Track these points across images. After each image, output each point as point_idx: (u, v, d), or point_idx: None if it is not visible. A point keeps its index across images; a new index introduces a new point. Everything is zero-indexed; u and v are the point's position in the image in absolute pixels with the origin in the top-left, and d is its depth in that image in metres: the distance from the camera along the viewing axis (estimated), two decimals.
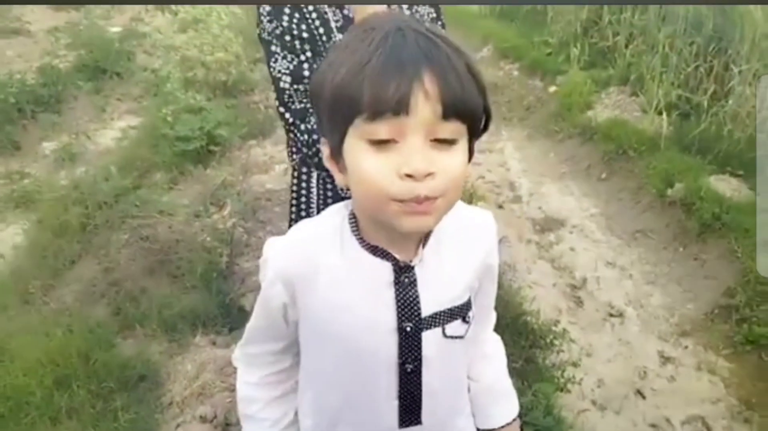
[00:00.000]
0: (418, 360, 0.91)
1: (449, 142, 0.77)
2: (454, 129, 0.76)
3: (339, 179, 0.84)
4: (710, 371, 2.74)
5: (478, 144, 0.84)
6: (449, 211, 0.83)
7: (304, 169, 1.55)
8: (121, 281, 2.68)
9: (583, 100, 5.08)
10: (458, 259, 0.94)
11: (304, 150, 1.38)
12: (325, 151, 0.85)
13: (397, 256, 0.88)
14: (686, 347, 2.89)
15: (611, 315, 3.16)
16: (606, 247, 3.72)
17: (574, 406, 2.54)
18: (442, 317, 0.92)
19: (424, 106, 0.73)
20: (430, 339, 0.91)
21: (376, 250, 0.89)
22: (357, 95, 0.73)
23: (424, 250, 0.91)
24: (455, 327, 0.94)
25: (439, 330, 0.92)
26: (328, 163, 0.85)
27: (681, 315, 3.08)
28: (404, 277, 0.89)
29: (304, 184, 1.56)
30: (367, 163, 0.76)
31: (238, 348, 1.06)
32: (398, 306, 0.89)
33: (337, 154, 0.82)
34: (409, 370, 0.92)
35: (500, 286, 2.88)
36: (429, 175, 0.75)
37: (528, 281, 3.44)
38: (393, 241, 0.88)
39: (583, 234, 3.87)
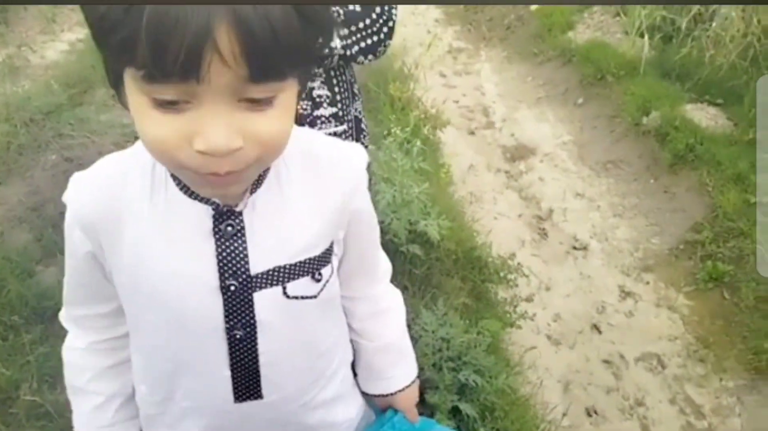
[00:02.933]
0: (250, 325, 0.75)
1: (264, 102, 0.58)
2: (271, 88, 0.58)
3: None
4: (670, 308, 2.64)
5: (454, 65, 0.63)
6: (266, 167, 0.70)
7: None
8: (43, 205, 2.48)
9: (564, 19, 4.78)
10: (306, 203, 0.75)
11: None
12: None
13: (218, 200, 0.71)
14: (648, 282, 2.78)
15: (575, 248, 3.03)
16: (576, 177, 3.55)
17: (524, 343, 2.43)
18: (280, 274, 0.74)
19: (221, 71, 0.53)
20: (266, 300, 0.75)
21: (191, 193, 0.71)
22: (130, 42, 0.52)
23: (256, 193, 0.72)
24: (302, 286, 0.76)
25: (277, 289, 0.75)
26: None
27: (645, 250, 2.95)
28: (226, 225, 0.71)
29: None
30: (150, 124, 0.58)
31: (63, 307, 0.88)
32: (219, 261, 0.72)
33: (114, 84, 0.61)
34: (238, 337, 0.75)
35: (455, 218, 2.77)
36: (234, 149, 0.58)
37: (493, 212, 3.29)
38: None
39: (553, 164, 3.70)
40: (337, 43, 1.42)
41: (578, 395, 2.26)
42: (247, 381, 0.79)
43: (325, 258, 0.78)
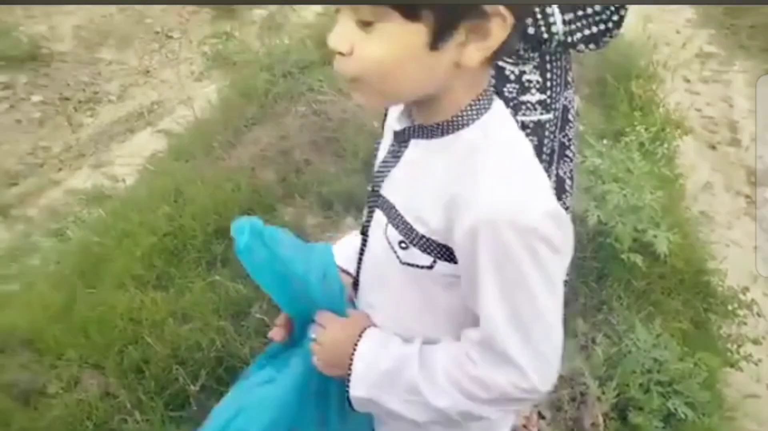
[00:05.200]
0: (365, 233, 0.90)
1: (367, 24, 0.70)
2: (373, 10, 0.69)
3: None
4: None
5: (701, 71, 0.60)
6: (386, 98, 0.78)
7: None
8: (290, 150, 2.75)
9: None
10: (434, 179, 0.77)
11: None
12: None
13: (398, 122, 0.83)
14: None
15: None
16: None
17: (743, 388, 2.19)
18: (389, 210, 0.83)
19: None
20: (375, 221, 0.87)
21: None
22: None
23: (425, 139, 0.80)
24: (394, 236, 0.81)
25: (383, 220, 0.84)
26: None
27: None
28: (394, 145, 0.85)
29: None
30: None
31: None
32: (378, 167, 0.88)
33: None
34: (364, 231, 0.90)
35: (686, 236, 2.55)
36: (341, 53, 0.72)
37: (726, 238, 2.98)
38: (409, 113, 0.84)
39: None
40: (559, 28, 1.35)
41: None
42: (356, 278, 0.94)
43: (420, 241, 0.78)
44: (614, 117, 3.32)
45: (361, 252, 0.91)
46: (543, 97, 1.48)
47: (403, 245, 0.79)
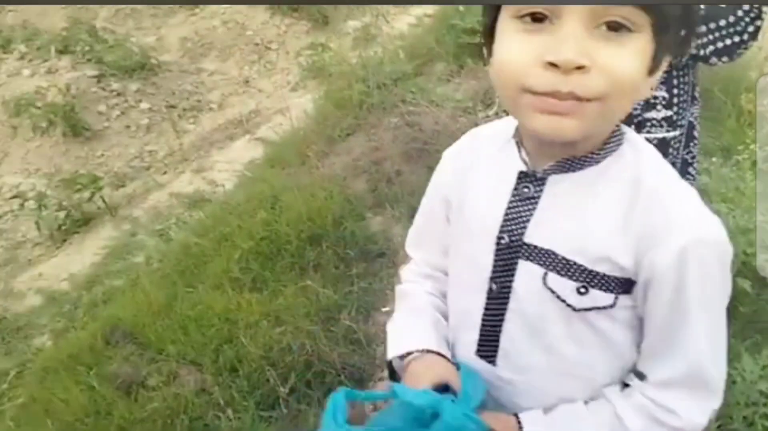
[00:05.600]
0: (505, 286, 0.77)
1: (619, 29, 0.61)
2: (630, 13, 0.60)
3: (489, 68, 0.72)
4: None
5: None
6: (606, 125, 0.68)
7: None
8: (381, 161, 2.79)
9: None
10: (606, 213, 0.71)
11: None
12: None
13: (527, 161, 0.76)
14: None
15: None
16: None
17: None
18: (548, 259, 0.73)
19: None
20: (526, 273, 0.75)
21: (519, 149, 0.77)
22: None
23: (568, 174, 0.73)
24: (560, 284, 0.72)
25: (539, 271, 0.74)
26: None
27: None
28: (524, 186, 0.75)
29: None
30: (509, 43, 0.65)
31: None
32: (505, 215, 0.77)
33: (488, 35, 0.70)
34: (493, 290, 0.78)
35: None
36: (580, 68, 0.60)
37: None
38: (542, 150, 0.74)
39: None
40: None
41: None
42: (487, 340, 0.80)
43: (602, 281, 0.71)
44: (721, 133, 3.14)
45: (492, 316, 0.80)
46: (669, 113, 1.43)
47: (582, 290, 0.72)
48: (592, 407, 0.76)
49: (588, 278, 0.71)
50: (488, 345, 0.81)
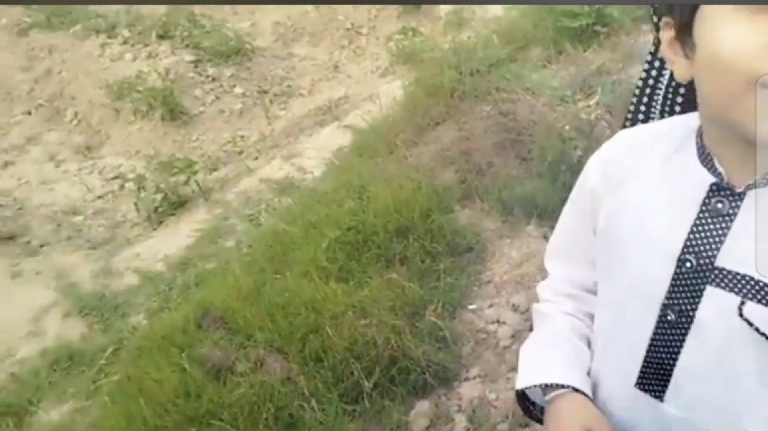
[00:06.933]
0: (686, 316, 0.66)
1: None
2: None
3: (679, 70, 0.64)
4: None
5: None
6: None
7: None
8: (472, 151, 2.70)
9: None
10: None
11: None
12: (666, 35, 0.65)
13: (723, 173, 0.64)
14: None
15: None
16: None
17: None
18: (746, 286, 0.61)
19: None
20: (716, 302, 0.64)
21: (705, 157, 0.66)
22: None
23: None
24: (761, 314, 0.61)
25: (734, 300, 0.62)
26: (667, 51, 0.65)
27: None
28: (717, 201, 0.64)
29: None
30: (729, 30, 0.54)
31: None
32: (691, 232, 0.65)
33: (684, 31, 0.61)
34: (669, 319, 0.68)
35: None
36: None
37: None
38: (743, 161, 0.62)
39: None
40: None
41: None
42: (655, 373, 0.71)
43: None
44: None
45: (665, 347, 0.71)
46: None
47: None
48: None
49: None
50: (656, 378, 0.72)
